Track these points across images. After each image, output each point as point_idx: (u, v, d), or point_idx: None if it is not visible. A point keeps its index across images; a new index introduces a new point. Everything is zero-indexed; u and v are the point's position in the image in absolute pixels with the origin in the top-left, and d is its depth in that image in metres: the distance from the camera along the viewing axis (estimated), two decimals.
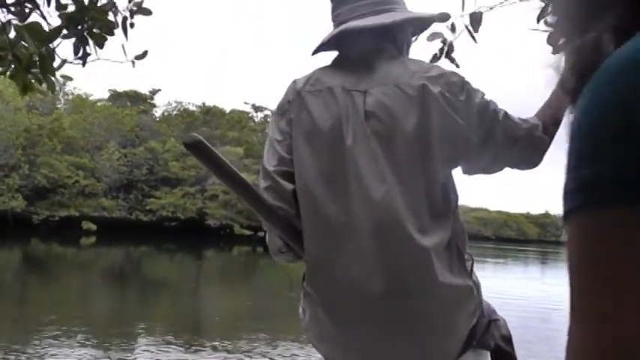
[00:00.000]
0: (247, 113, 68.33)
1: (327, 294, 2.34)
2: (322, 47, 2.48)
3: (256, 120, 69.07)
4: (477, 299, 2.34)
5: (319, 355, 2.56)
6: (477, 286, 2.35)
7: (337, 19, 2.45)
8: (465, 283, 2.28)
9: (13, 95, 52.76)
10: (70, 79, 6.40)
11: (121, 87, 67.91)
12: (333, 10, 2.48)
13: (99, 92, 73.41)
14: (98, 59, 5.87)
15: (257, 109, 69.23)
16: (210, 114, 65.13)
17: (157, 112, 67.70)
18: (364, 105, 2.27)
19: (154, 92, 67.74)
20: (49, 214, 53.90)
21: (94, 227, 53.73)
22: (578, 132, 0.73)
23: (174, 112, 67.72)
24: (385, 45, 2.38)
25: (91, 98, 64.18)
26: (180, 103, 68.73)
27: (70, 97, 63.74)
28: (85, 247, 46.48)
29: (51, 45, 5.68)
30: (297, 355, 12.22)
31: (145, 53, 6.18)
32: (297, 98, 2.41)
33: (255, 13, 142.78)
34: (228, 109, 67.51)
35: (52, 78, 5.94)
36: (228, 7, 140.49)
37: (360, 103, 2.27)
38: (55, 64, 5.71)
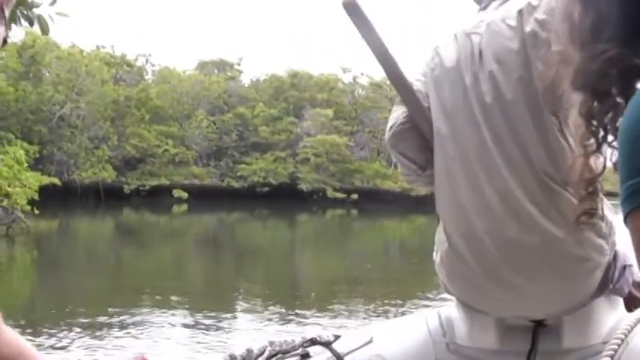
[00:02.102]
0: (335, 75, 67.01)
1: (456, 235, 2.40)
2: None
3: (345, 82, 67.72)
4: (611, 239, 2.30)
5: (414, 320, 2.77)
6: (610, 225, 2.28)
7: None
8: (598, 222, 2.22)
9: (99, 68, 53.00)
10: (65, 15, 5.38)
11: (209, 57, 67.17)
12: None
13: (186, 65, 73.95)
14: None
15: (345, 70, 67.78)
16: (298, 77, 64.13)
17: (245, 79, 67.11)
18: (479, 45, 2.35)
19: (240, 59, 67.27)
20: (140, 184, 54.00)
21: (185, 195, 53.43)
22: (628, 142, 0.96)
23: (263, 78, 67.03)
24: None
25: (178, 69, 63.95)
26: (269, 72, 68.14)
27: (157, 68, 63.65)
28: (177, 215, 46.60)
29: None
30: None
31: None
32: (433, 51, 2.51)
33: None
34: (315, 74, 66.40)
35: (37, 13, 5.07)
36: None
37: (476, 44, 2.36)
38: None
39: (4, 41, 1.48)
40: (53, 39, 49.88)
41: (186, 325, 11.25)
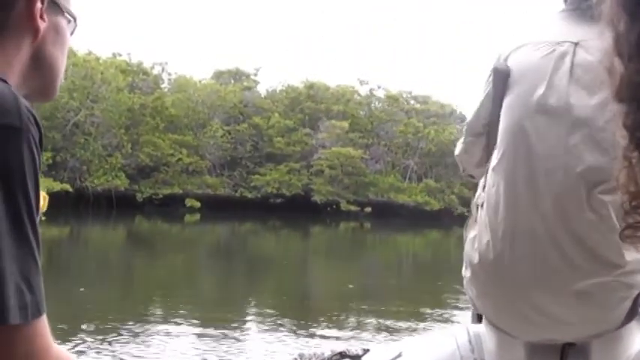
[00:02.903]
0: (352, 87, 66.79)
1: (491, 256, 2.34)
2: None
3: (362, 94, 67.47)
4: None
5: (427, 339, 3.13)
6: None
7: None
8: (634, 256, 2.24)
9: (114, 76, 52.93)
10: None
11: (225, 67, 66.99)
12: None
13: (202, 74, 73.80)
14: None
15: (362, 82, 67.59)
16: (314, 88, 63.92)
17: (261, 89, 66.91)
18: (573, 57, 2.26)
19: (257, 69, 67.05)
20: (153, 192, 53.80)
21: (198, 204, 53.24)
22: None
23: (279, 88, 66.84)
24: None
25: (194, 78, 63.78)
26: (285, 81, 68.00)
27: (173, 76, 63.52)
28: (189, 225, 46.45)
29: None
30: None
31: None
32: (508, 56, 2.41)
33: None
34: (332, 85, 66.16)
35: None
36: None
37: (569, 56, 2.26)
38: None
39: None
40: (69, 45, 49.90)
41: (199, 337, 11.06)
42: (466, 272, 2.47)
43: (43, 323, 1.22)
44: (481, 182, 2.51)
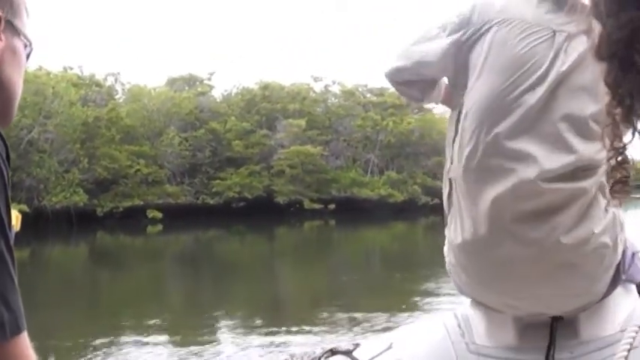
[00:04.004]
0: (307, 84, 66.56)
1: (469, 236, 2.34)
2: None
3: (317, 91, 67.29)
4: (623, 236, 2.34)
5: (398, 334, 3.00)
6: (621, 224, 2.33)
7: None
8: (607, 216, 2.28)
9: (66, 89, 52.13)
10: None
11: (179, 73, 66.16)
12: None
13: (156, 82, 72.59)
14: None
15: (316, 79, 67.37)
16: (269, 89, 63.61)
17: (216, 93, 66.40)
18: (564, 49, 2.21)
19: (211, 74, 66.46)
20: (113, 206, 52.91)
21: (159, 215, 52.35)
22: None
23: (234, 91, 66.39)
24: None
25: (148, 86, 63.04)
26: (240, 84, 67.50)
27: (127, 86, 62.75)
28: (152, 236, 46.03)
29: None
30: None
31: None
32: (485, 24, 2.32)
33: None
34: (287, 84, 65.84)
35: None
36: None
37: (561, 49, 2.21)
38: None
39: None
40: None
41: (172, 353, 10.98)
42: (449, 255, 2.49)
43: (24, 340, 1.20)
44: (450, 148, 2.46)
